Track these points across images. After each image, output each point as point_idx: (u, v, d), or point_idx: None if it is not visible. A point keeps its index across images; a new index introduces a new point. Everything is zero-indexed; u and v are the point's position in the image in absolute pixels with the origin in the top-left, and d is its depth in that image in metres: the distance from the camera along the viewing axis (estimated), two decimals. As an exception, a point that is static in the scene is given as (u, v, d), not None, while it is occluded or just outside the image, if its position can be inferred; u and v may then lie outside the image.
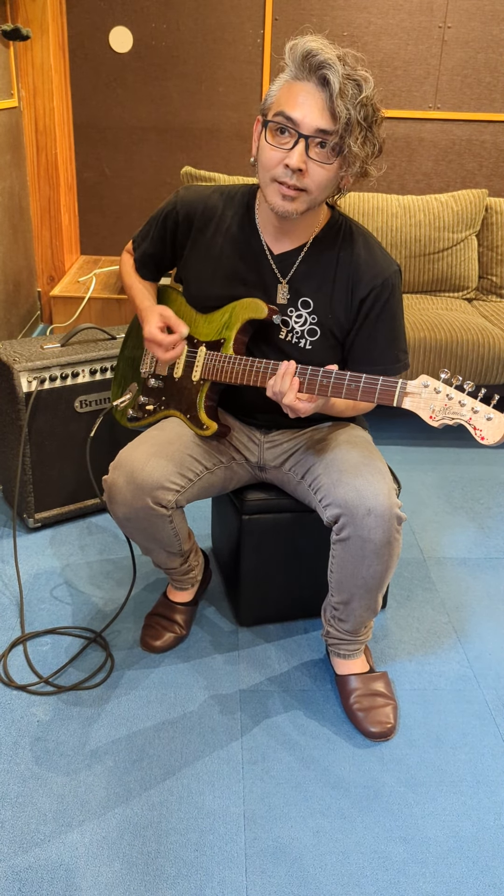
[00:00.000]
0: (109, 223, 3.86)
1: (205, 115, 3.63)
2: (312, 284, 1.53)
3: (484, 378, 2.82)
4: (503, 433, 1.25)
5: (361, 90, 1.30)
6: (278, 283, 1.54)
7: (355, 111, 1.30)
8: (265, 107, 1.39)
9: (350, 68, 1.30)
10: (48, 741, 1.55)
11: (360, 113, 1.31)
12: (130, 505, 1.52)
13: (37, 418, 2.08)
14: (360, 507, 1.43)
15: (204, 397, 1.59)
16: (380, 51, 3.50)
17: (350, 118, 1.30)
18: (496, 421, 1.25)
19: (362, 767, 1.53)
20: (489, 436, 1.26)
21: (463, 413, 1.28)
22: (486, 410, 1.26)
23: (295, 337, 1.55)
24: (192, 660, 1.79)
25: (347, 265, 1.51)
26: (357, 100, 1.30)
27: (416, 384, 1.31)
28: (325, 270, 1.53)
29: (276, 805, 1.45)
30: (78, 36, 3.48)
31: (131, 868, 1.32)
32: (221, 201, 1.58)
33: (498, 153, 3.68)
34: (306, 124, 1.32)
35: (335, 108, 1.29)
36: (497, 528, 2.39)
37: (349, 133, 1.31)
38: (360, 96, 1.30)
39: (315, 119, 1.32)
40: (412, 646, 1.87)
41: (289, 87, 1.35)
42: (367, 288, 1.50)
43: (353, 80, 1.30)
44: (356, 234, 1.54)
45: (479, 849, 1.38)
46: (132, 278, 1.71)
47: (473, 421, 1.27)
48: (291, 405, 1.40)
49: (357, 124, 1.31)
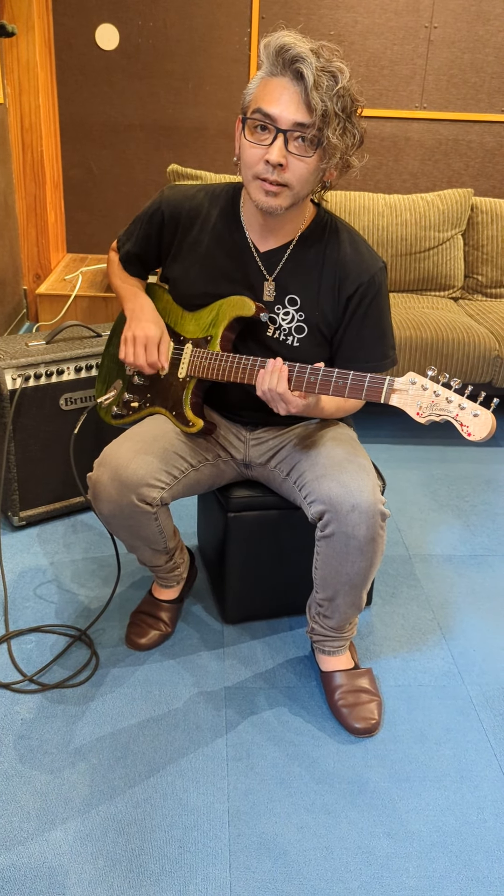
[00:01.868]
0: (96, 221, 3.85)
1: (191, 114, 3.63)
2: (299, 281, 1.53)
3: (469, 376, 2.83)
4: (489, 430, 1.26)
5: (337, 81, 1.31)
6: (265, 281, 1.54)
7: (332, 103, 1.31)
8: (244, 105, 1.40)
9: (325, 60, 1.31)
10: (32, 739, 1.55)
11: (336, 104, 1.31)
12: (115, 502, 1.52)
13: (22, 416, 2.07)
14: (344, 504, 1.43)
15: (190, 394, 1.59)
16: (366, 50, 3.51)
17: (327, 110, 1.31)
18: (482, 417, 1.26)
19: (347, 763, 1.54)
20: (475, 432, 1.27)
21: (450, 410, 1.29)
22: (472, 407, 1.27)
23: (282, 334, 1.55)
24: (178, 657, 1.79)
25: (334, 262, 1.52)
26: (333, 91, 1.30)
27: (403, 381, 1.32)
28: (312, 267, 1.53)
29: (261, 801, 1.45)
30: (64, 33, 3.47)
31: (115, 865, 1.32)
32: (207, 200, 1.58)
33: (484, 153, 3.70)
34: (284, 119, 1.33)
35: (311, 100, 1.30)
36: (482, 525, 2.41)
37: (327, 125, 1.32)
38: (336, 87, 1.31)
39: (292, 113, 1.32)
40: (397, 642, 1.88)
41: (265, 84, 1.35)
42: (354, 285, 1.51)
43: (327, 72, 1.30)
44: (342, 231, 1.55)
45: (462, 843, 1.39)
46: (121, 277, 1.71)
47: (460, 417, 1.28)
48: (284, 394, 1.40)
49: (335, 115, 1.32)
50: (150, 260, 1.68)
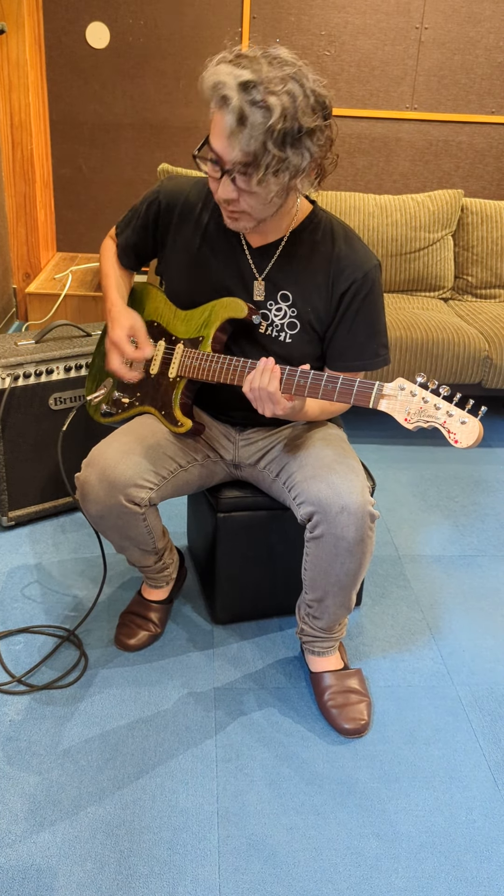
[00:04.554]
0: (86, 220, 3.83)
1: (182, 113, 3.62)
2: (291, 277, 1.53)
3: (459, 377, 2.84)
4: (476, 437, 1.27)
5: (271, 114, 1.21)
6: (256, 277, 1.54)
7: (266, 137, 1.22)
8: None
9: (260, 91, 1.21)
10: (20, 741, 1.54)
11: (271, 137, 1.22)
12: (103, 503, 1.51)
13: (11, 416, 2.06)
14: (333, 505, 1.43)
15: (180, 394, 1.58)
16: (357, 51, 3.51)
17: (258, 147, 1.23)
18: (470, 425, 1.27)
19: (336, 764, 1.54)
20: (462, 439, 1.27)
21: (438, 416, 1.29)
22: (460, 415, 1.27)
23: (275, 331, 1.55)
24: (167, 658, 1.78)
25: (328, 258, 1.52)
26: (266, 127, 1.21)
27: (392, 387, 1.32)
28: (304, 263, 1.53)
29: (250, 802, 1.45)
30: (54, 31, 3.45)
31: (104, 867, 1.31)
32: (201, 196, 1.58)
33: (474, 154, 3.71)
34: (225, 157, 1.29)
35: (240, 141, 1.23)
36: (471, 526, 2.41)
37: (267, 157, 1.24)
38: (268, 123, 1.21)
39: (230, 153, 1.27)
40: (386, 643, 1.88)
41: (213, 117, 1.30)
42: (348, 281, 1.51)
43: (259, 107, 1.21)
44: (336, 228, 1.54)
45: (450, 843, 1.39)
46: (111, 266, 1.70)
47: (448, 424, 1.28)
48: (274, 394, 1.37)
49: (274, 148, 1.23)
50: (148, 250, 1.67)
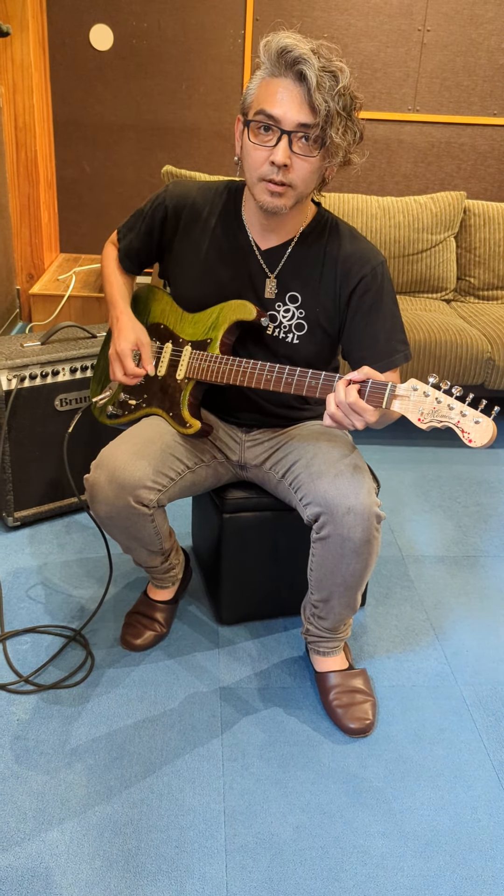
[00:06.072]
0: (89, 221, 3.84)
1: (186, 115, 3.63)
2: (300, 278, 1.54)
3: (461, 378, 2.85)
4: (490, 436, 1.28)
5: (338, 81, 1.32)
6: (266, 278, 1.55)
7: (334, 102, 1.32)
8: (245, 106, 1.41)
9: (325, 60, 1.32)
10: (28, 740, 1.55)
11: (338, 103, 1.33)
12: (112, 504, 1.52)
13: (16, 417, 2.07)
14: (339, 506, 1.44)
15: (188, 396, 1.59)
16: (360, 53, 3.52)
17: (329, 110, 1.32)
18: (483, 424, 1.28)
19: (342, 763, 1.55)
20: (477, 439, 1.29)
21: (451, 416, 1.30)
22: (474, 414, 1.29)
23: (282, 332, 1.56)
24: (173, 658, 1.79)
25: (335, 258, 1.53)
26: (335, 91, 1.32)
27: (405, 387, 1.33)
28: (313, 264, 1.54)
29: (256, 801, 1.46)
30: (58, 33, 3.47)
31: (112, 865, 1.32)
32: (208, 199, 1.59)
33: (476, 156, 3.73)
34: (287, 120, 1.34)
35: (314, 101, 1.32)
36: (474, 526, 2.42)
37: (330, 124, 1.34)
38: (338, 87, 1.32)
39: (295, 114, 1.33)
40: (391, 643, 1.89)
41: (266, 85, 1.36)
42: (357, 278, 1.52)
43: (328, 72, 1.32)
44: (342, 229, 1.56)
45: (456, 842, 1.40)
46: (113, 272, 1.71)
47: (462, 424, 1.30)
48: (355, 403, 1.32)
49: (337, 115, 1.34)
50: (151, 255, 1.68)
